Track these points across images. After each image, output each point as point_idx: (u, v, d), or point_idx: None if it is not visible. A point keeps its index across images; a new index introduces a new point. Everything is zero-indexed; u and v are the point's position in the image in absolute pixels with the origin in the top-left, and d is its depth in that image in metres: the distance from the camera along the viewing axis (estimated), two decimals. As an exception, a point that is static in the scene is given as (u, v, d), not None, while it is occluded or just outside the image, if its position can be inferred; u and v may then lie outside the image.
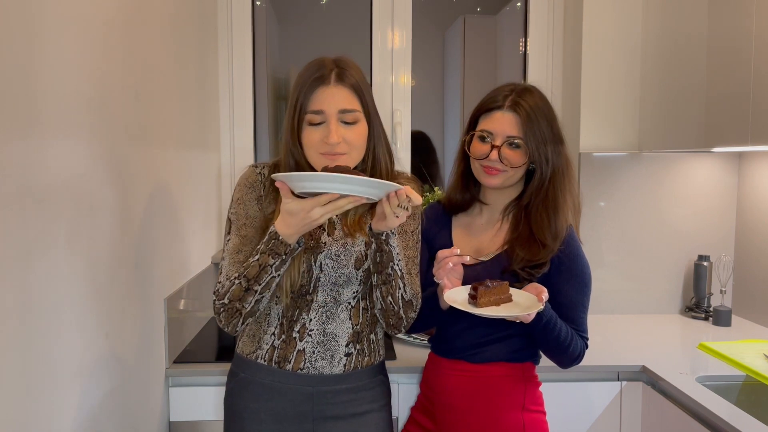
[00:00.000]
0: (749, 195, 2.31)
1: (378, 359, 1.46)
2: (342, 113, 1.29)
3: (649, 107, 2.26)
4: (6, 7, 0.96)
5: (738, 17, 1.76)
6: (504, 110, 1.43)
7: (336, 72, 1.30)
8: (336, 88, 1.29)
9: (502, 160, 1.42)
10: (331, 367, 1.38)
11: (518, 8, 2.64)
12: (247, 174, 1.41)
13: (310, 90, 1.29)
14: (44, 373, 1.09)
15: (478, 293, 1.34)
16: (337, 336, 1.38)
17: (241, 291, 1.28)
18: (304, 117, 1.30)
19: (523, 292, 1.39)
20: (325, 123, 1.28)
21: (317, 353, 1.37)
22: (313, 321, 1.37)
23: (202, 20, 2.24)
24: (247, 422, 1.39)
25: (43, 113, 1.07)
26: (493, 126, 1.44)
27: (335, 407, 1.39)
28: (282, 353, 1.38)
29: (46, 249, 1.09)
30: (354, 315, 1.40)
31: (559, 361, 1.47)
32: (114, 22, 1.37)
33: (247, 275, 1.27)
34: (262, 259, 1.25)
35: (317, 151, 1.30)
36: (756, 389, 1.69)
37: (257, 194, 1.38)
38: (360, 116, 1.31)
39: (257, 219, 1.37)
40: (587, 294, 1.48)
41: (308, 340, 1.37)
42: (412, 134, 2.57)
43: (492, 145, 1.43)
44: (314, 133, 1.29)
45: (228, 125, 2.52)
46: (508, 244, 1.48)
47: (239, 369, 1.43)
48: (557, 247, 1.43)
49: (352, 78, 1.31)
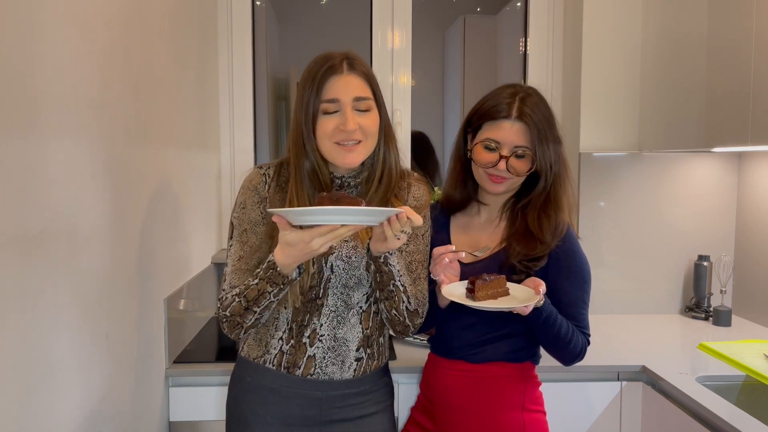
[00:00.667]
0: (749, 195, 2.31)
1: (384, 361, 1.46)
2: (357, 101, 1.28)
3: (649, 107, 2.26)
4: (6, 6, 0.96)
5: (738, 17, 1.76)
6: (512, 120, 1.42)
7: (347, 61, 1.30)
8: (349, 77, 1.29)
9: (508, 168, 1.42)
10: (341, 373, 1.37)
11: (518, 8, 2.64)
12: (251, 176, 1.40)
13: (323, 80, 1.28)
14: (44, 373, 1.09)
15: (475, 287, 1.34)
16: (347, 341, 1.37)
17: (241, 309, 1.28)
18: (318, 107, 1.28)
19: (520, 286, 1.39)
20: (339, 111, 1.28)
21: (328, 359, 1.36)
22: (324, 326, 1.36)
23: (202, 20, 2.24)
24: (253, 426, 1.38)
25: (43, 113, 1.07)
26: (501, 136, 1.42)
27: (342, 411, 1.38)
28: (291, 358, 1.36)
29: (45, 249, 1.09)
30: (365, 319, 1.38)
31: (561, 358, 1.47)
32: (114, 22, 1.37)
33: (246, 296, 1.27)
34: (260, 285, 1.25)
35: (331, 140, 1.29)
36: (756, 389, 1.69)
37: (260, 197, 1.37)
38: (373, 104, 1.31)
39: (259, 223, 1.36)
40: (587, 290, 1.48)
41: (319, 345, 1.36)
42: (411, 135, 2.57)
43: (500, 155, 1.42)
44: (329, 121, 1.28)
45: (228, 125, 2.52)
46: (505, 240, 1.48)
47: (245, 373, 1.41)
48: (554, 243, 1.44)
49: (363, 67, 1.31)
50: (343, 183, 1.38)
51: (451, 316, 1.46)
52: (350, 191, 1.38)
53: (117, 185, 1.40)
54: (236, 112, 2.52)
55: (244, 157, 2.54)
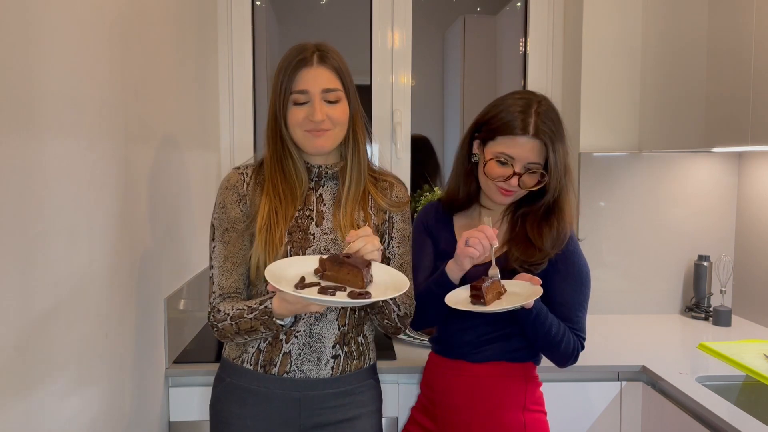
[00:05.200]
0: (749, 195, 2.31)
1: (368, 362, 1.44)
2: (325, 92, 1.33)
3: (649, 107, 2.26)
4: (6, 6, 0.96)
5: (738, 17, 1.76)
6: (529, 137, 1.40)
7: (318, 54, 1.34)
8: (319, 69, 1.33)
9: (519, 184, 1.43)
10: (318, 370, 1.37)
11: (518, 8, 2.64)
12: (228, 176, 1.42)
13: (294, 72, 1.33)
14: (44, 373, 1.09)
15: (482, 292, 1.34)
16: (323, 337, 1.37)
17: (232, 332, 1.33)
18: (288, 97, 1.33)
19: (516, 281, 1.40)
20: (309, 102, 1.33)
21: (303, 355, 1.36)
22: (300, 322, 1.36)
23: (202, 20, 2.24)
24: (234, 428, 1.38)
25: (43, 113, 1.07)
26: (516, 152, 1.41)
27: (323, 413, 1.37)
28: (268, 356, 1.37)
29: (45, 249, 1.09)
30: (341, 316, 1.39)
31: (554, 358, 1.47)
32: (114, 22, 1.37)
33: (238, 325, 1.31)
34: (254, 323, 1.29)
35: (302, 129, 1.34)
36: (756, 389, 1.69)
37: (239, 195, 1.39)
38: (342, 95, 1.35)
39: (239, 221, 1.38)
40: (585, 293, 1.48)
41: (294, 341, 1.36)
42: (412, 139, 2.56)
43: (513, 171, 1.41)
44: (299, 112, 1.33)
45: (228, 125, 2.52)
46: (506, 244, 1.48)
47: (225, 374, 1.42)
48: (555, 251, 1.43)
49: (334, 60, 1.35)
50: (321, 173, 1.41)
51: (453, 316, 1.45)
52: (328, 182, 1.42)
53: (117, 185, 1.40)
54: (236, 112, 2.52)
55: (244, 157, 2.53)
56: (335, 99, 1.33)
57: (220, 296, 1.37)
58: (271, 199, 1.36)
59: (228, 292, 1.37)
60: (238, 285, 1.38)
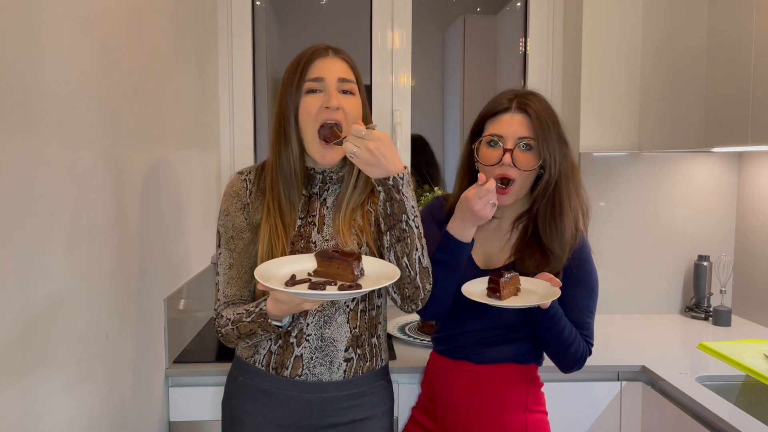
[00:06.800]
0: (749, 195, 2.31)
1: (380, 364, 1.43)
2: (341, 82, 1.31)
3: (649, 107, 2.26)
4: (6, 6, 0.96)
5: (738, 18, 1.76)
6: (512, 112, 1.40)
7: (332, 49, 1.35)
8: (334, 59, 1.33)
9: (515, 163, 1.39)
10: (330, 374, 1.35)
11: (518, 8, 2.64)
12: (232, 182, 1.41)
13: (309, 62, 1.32)
14: (44, 373, 1.09)
15: (500, 286, 1.33)
16: (335, 341, 1.35)
17: (235, 336, 1.34)
18: (302, 86, 1.31)
19: (535, 280, 1.39)
20: (324, 91, 1.30)
21: (315, 359, 1.35)
22: (310, 326, 1.35)
23: (202, 20, 2.24)
24: (246, 426, 1.38)
25: (43, 113, 1.07)
26: (503, 129, 1.40)
27: (335, 415, 1.37)
28: (279, 359, 1.36)
29: (45, 249, 1.09)
30: (352, 318, 1.37)
31: (561, 362, 1.45)
32: (114, 21, 1.37)
33: (239, 329, 1.31)
34: (252, 327, 1.29)
35: (315, 124, 1.30)
36: (756, 389, 1.69)
37: (243, 203, 1.38)
38: (356, 89, 1.34)
39: (244, 229, 1.38)
40: (594, 299, 1.48)
41: (306, 345, 1.35)
42: (411, 139, 2.56)
43: (504, 149, 1.39)
44: (313, 100, 1.30)
45: (228, 125, 2.52)
46: (516, 254, 1.46)
47: (238, 372, 1.42)
48: (566, 257, 1.42)
49: (347, 56, 1.36)
50: (325, 178, 1.39)
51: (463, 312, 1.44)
52: (332, 186, 1.40)
53: (117, 185, 1.40)
54: (236, 112, 2.52)
55: (244, 157, 2.54)
56: (350, 90, 1.32)
57: (225, 303, 1.37)
58: (272, 213, 1.34)
59: (232, 299, 1.38)
60: (243, 293, 1.39)
